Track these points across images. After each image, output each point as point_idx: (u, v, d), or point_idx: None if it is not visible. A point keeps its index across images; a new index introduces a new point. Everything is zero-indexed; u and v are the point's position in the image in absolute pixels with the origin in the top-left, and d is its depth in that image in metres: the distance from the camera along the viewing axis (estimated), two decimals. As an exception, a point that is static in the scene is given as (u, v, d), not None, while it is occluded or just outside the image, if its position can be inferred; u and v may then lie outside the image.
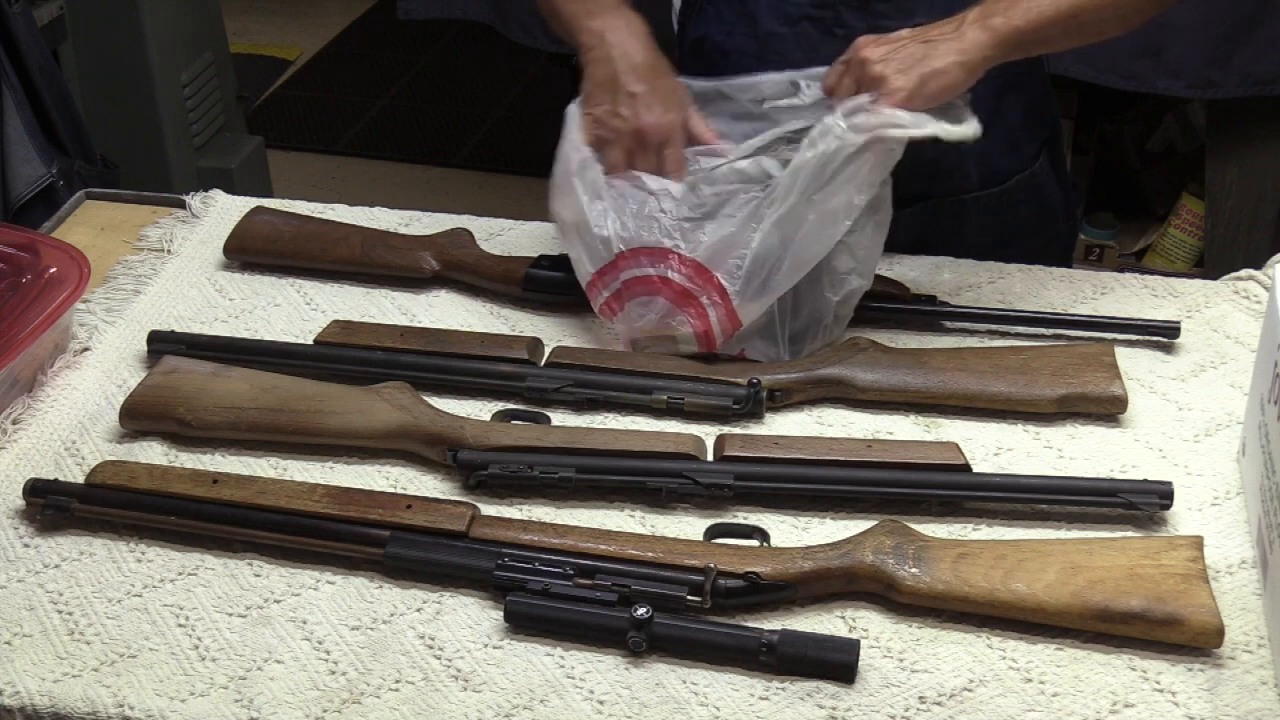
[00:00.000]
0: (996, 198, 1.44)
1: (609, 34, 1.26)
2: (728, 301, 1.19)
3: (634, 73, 1.24)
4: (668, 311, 1.21)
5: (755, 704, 0.93)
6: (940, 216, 1.44)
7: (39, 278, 1.23)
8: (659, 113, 1.23)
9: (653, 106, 1.23)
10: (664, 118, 1.23)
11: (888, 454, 1.10)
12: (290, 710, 0.93)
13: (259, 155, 2.88)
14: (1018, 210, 1.47)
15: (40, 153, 2.01)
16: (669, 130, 1.23)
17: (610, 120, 1.23)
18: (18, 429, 1.18)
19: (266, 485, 1.08)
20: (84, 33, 2.52)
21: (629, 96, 1.24)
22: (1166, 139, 2.92)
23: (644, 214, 1.21)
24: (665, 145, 1.23)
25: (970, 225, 1.44)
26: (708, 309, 1.20)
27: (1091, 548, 1.00)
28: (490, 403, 1.21)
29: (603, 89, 1.25)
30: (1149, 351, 1.27)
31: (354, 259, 1.38)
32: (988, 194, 1.43)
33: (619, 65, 1.25)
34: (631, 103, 1.23)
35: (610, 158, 1.23)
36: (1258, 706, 0.92)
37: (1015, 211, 1.47)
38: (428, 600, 1.02)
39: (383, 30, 4.45)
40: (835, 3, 1.34)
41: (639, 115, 1.23)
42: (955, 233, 1.43)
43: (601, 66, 1.25)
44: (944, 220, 1.44)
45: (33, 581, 1.04)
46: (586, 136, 1.24)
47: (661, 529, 1.08)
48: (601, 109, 1.24)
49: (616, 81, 1.24)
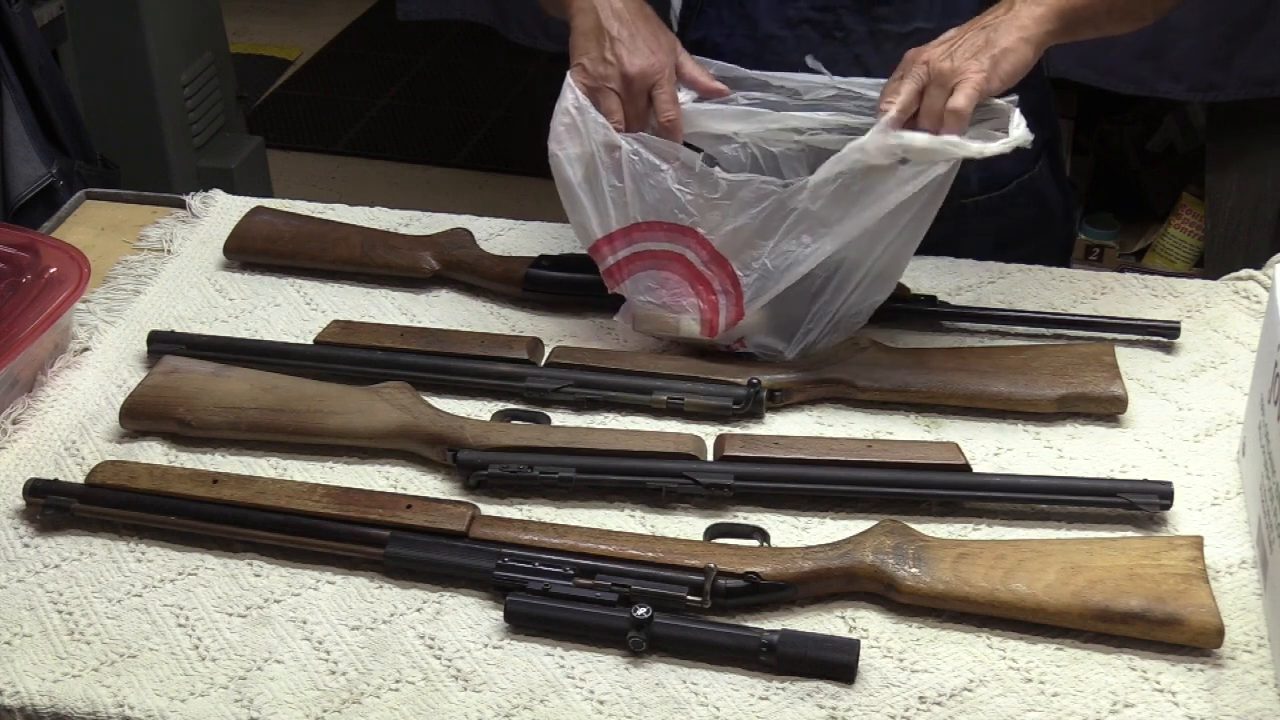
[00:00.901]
0: (997, 201, 1.44)
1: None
2: (739, 293, 1.18)
3: (617, 18, 1.23)
4: (679, 290, 1.20)
5: (755, 704, 0.93)
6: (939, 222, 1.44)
7: (39, 278, 1.23)
8: (645, 55, 1.22)
9: (638, 50, 1.22)
10: (651, 59, 1.22)
11: (888, 454, 1.10)
12: (290, 710, 0.93)
13: (259, 155, 2.88)
14: (1018, 213, 1.47)
15: (40, 153, 2.01)
16: (658, 72, 1.22)
17: (598, 67, 1.22)
18: (18, 429, 1.18)
19: (266, 485, 1.08)
20: (84, 33, 2.52)
21: (613, 41, 1.22)
22: (1166, 139, 2.92)
23: (660, 185, 1.19)
24: (655, 87, 1.22)
25: (970, 229, 1.44)
26: (719, 295, 1.19)
27: (1091, 548, 1.00)
28: (490, 403, 1.21)
29: (587, 38, 1.23)
30: (1149, 351, 1.27)
31: (354, 259, 1.38)
32: (988, 198, 1.43)
33: (602, 13, 1.23)
34: (616, 47, 1.22)
35: (604, 104, 1.22)
36: (1258, 706, 0.92)
37: (1015, 214, 1.47)
38: (428, 600, 1.02)
39: (383, 30, 4.45)
40: (836, 6, 1.33)
41: (625, 59, 1.21)
42: (954, 238, 1.43)
43: (586, 16, 1.24)
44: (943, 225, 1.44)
45: (33, 581, 1.04)
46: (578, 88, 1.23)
47: (661, 529, 1.08)
48: (588, 57, 1.23)
49: (600, 28, 1.23)
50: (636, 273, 1.22)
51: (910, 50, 1.17)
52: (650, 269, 1.21)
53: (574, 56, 1.24)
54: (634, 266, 1.22)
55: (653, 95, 1.22)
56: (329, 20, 4.52)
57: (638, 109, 1.22)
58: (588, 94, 1.22)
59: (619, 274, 1.23)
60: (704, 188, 1.17)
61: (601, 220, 1.21)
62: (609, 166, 1.19)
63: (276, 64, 4.26)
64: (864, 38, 1.33)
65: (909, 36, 1.32)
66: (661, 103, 1.22)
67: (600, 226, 1.21)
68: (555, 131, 1.21)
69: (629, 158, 1.19)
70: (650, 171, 1.18)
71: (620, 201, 1.20)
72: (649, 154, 1.19)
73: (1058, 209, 1.53)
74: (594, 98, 1.21)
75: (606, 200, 1.20)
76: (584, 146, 1.20)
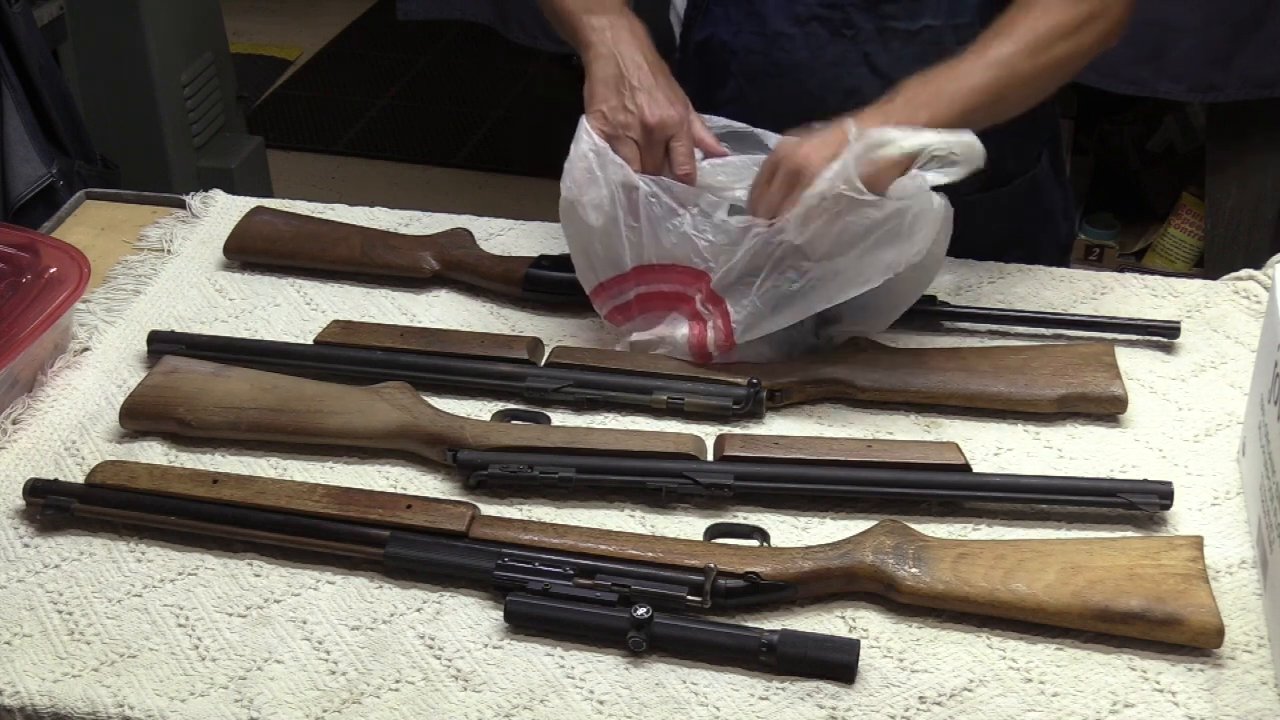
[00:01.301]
0: (998, 199, 1.44)
1: (611, 32, 1.26)
2: (729, 327, 1.19)
3: (638, 68, 1.24)
4: (672, 319, 1.22)
5: (755, 704, 0.93)
6: None
7: (39, 278, 1.23)
8: (665, 106, 1.22)
9: (659, 101, 1.23)
10: (670, 111, 1.22)
11: (888, 454, 1.10)
12: (290, 710, 0.93)
13: (259, 155, 2.88)
14: (1019, 212, 1.47)
15: (40, 153, 2.01)
16: (677, 124, 1.23)
17: (617, 115, 1.23)
18: (18, 429, 1.18)
19: (266, 485, 1.08)
20: (84, 33, 2.52)
21: (634, 90, 1.23)
22: (1166, 139, 2.92)
23: (677, 229, 1.20)
24: (674, 139, 1.23)
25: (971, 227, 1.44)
26: (708, 328, 1.20)
27: (1091, 548, 1.00)
28: (490, 403, 1.21)
29: (607, 85, 1.24)
30: (1149, 351, 1.27)
31: (354, 259, 1.38)
32: (991, 195, 1.43)
33: (624, 62, 1.24)
34: (637, 96, 1.23)
35: (622, 152, 1.22)
36: (1258, 706, 0.92)
37: (1016, 213, 1.47)
38: (428, 600, 1.02)
39: (383, 30, 4.45)
40: (844, 3, 1.33)
41: (646, 109, 1.22)
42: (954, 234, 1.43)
43: (606, 64, 1.25)
44: None
45: (33, 581, 1.04)
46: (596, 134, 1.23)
47: (661, 529, 1.08)
48: (608, 105, 1.23)
49: (622, 78, 1.24)
50: (646, 313, 1.23)
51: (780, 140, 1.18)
52: (660, 310, 1.22)
53: (592, 103, 1.24)
54: (644, 305, 1.23)
55: (670, 147, 1.23)
56: (329, 20, 4.51)
57: (655, 160, 1.23)
58: (605, 140, 1.22)
59: (629, 312, 1.24)
60: (718, 234, 1.19)
61: (614, 261, 1.22)
62: (626, 207, 1.20)
63: (276, 64, 4.26)
64: (872, 35, 1.33)
65: (917, 34, 1.32)
66: (679, 155, 1.23)
67: (613, 267, 1.22)
68: (573, 177, 1.21)
69: (646, 200, 1.20)
70: (667, 215, 1.20)
71: (635, 242, 1.21)
72: (667, 198, 1.20)
73: (1058, 208, 1.53)
74: (611, 145, 1.22)
75: (622, 241, 1.21)
76: (601, 190, 1.20)
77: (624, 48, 1.25)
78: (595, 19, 1.28)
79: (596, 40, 1.27)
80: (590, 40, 1.27)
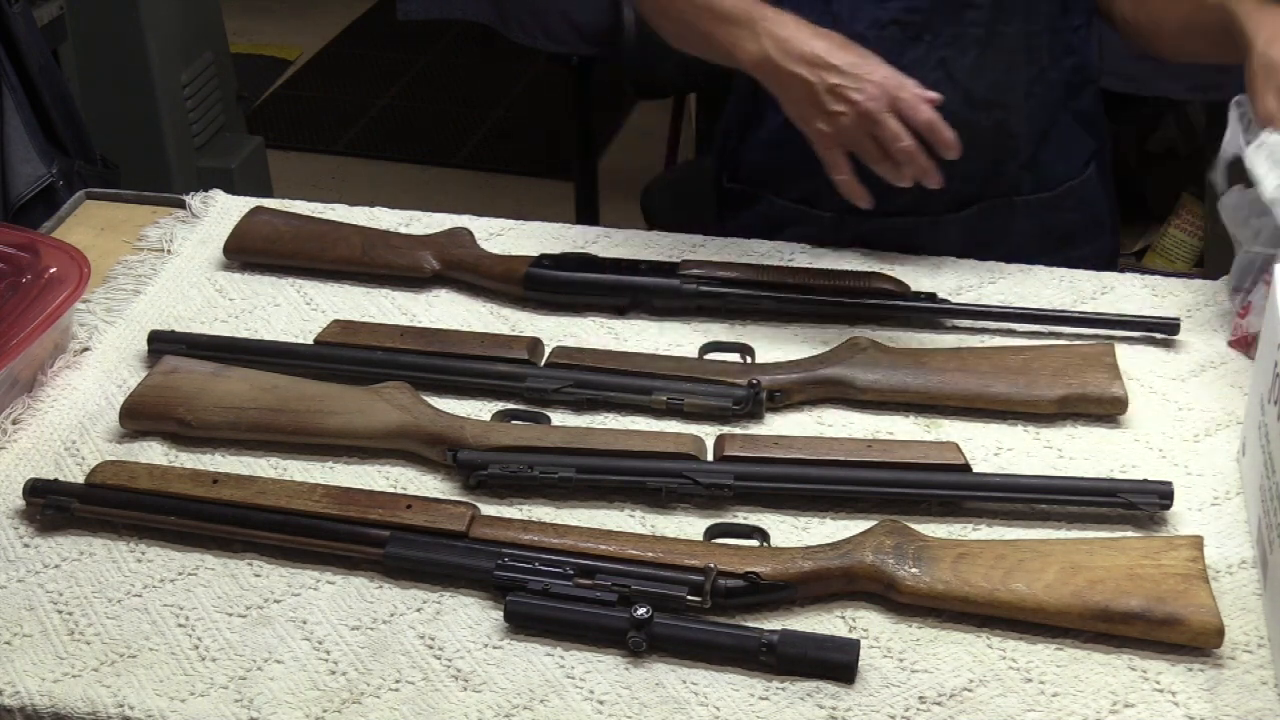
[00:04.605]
0: (1046, 203, 1.44)
1: (775, 18, 1.22)
2: None
3: (831, 40, 1.20)
4: None
5: (755, 704, 0.93)
6: (990, 219, 1.44)
7: (39, 278, 1.23)
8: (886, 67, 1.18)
9: (877, 63, 1.19)
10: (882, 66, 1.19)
11: (888, 454, 1.10)
12: (290, 710, 0.93)
13: (259, 155, 2.88)
14: (1064, 216, 1.47)
15: (40, 153, 2.01)
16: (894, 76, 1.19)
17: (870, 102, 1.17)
18: (18, 429, 1.18)
19: (266, 485, 1.08)
20: (84, 33, 2.52)
21: (857, 61, 1.19)
22: (1166, 140, 2.92)
23: None
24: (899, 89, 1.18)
25: (1018, 228, 1.45)
26: None
27: (1091, 548, 1.00)
28: (490, 403, 1.21)
29: (845, 59, 1.19)
30: (1149, 351, 1.27)
31: (354, 259, 1.38)
32: (1037, 198, 1.43)
33: (818, 40, 1.20)
34: (864, 66, 1.19)
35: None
36: (1258, 706, 0.92)
37: (1063, 218, 1.47)
38: (428, 600, 1.02)
39: (383, 30, 4.45)
40: (926, 8, 1.32)
41: (872, 74, 1.17)
42: (1002, 235, 1.43)
43: (810, 41, 1.20)
44: (993, 220, 1.44)
45: (33, 581, 1.04)
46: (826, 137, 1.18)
47: (661, 529, 1.08)
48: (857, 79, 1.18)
49: (841, 50, 1.20)
50: None
51: None
52: None
53: (830, 94, 1.19)
54: None
55: (901, 99, 1.19)
56: (329, 20, 4.51)
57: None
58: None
59: None
60: None
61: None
62: None
63: (276, 64, 4.26)
64: (950, 41, 1.33)
65: (992, 41, 1.33)
66: (918, 98, 1.18)
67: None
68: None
69: None
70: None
71: None
72: None
73: (1105, 218, 1.53)
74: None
75: None
76: None
77: (802, 25, 1.23)
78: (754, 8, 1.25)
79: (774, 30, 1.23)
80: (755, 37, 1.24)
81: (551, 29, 2.15)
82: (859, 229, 1.42)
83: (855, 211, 1.26)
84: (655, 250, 1.42)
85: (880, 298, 1.29)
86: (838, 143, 1.22)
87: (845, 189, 1.23)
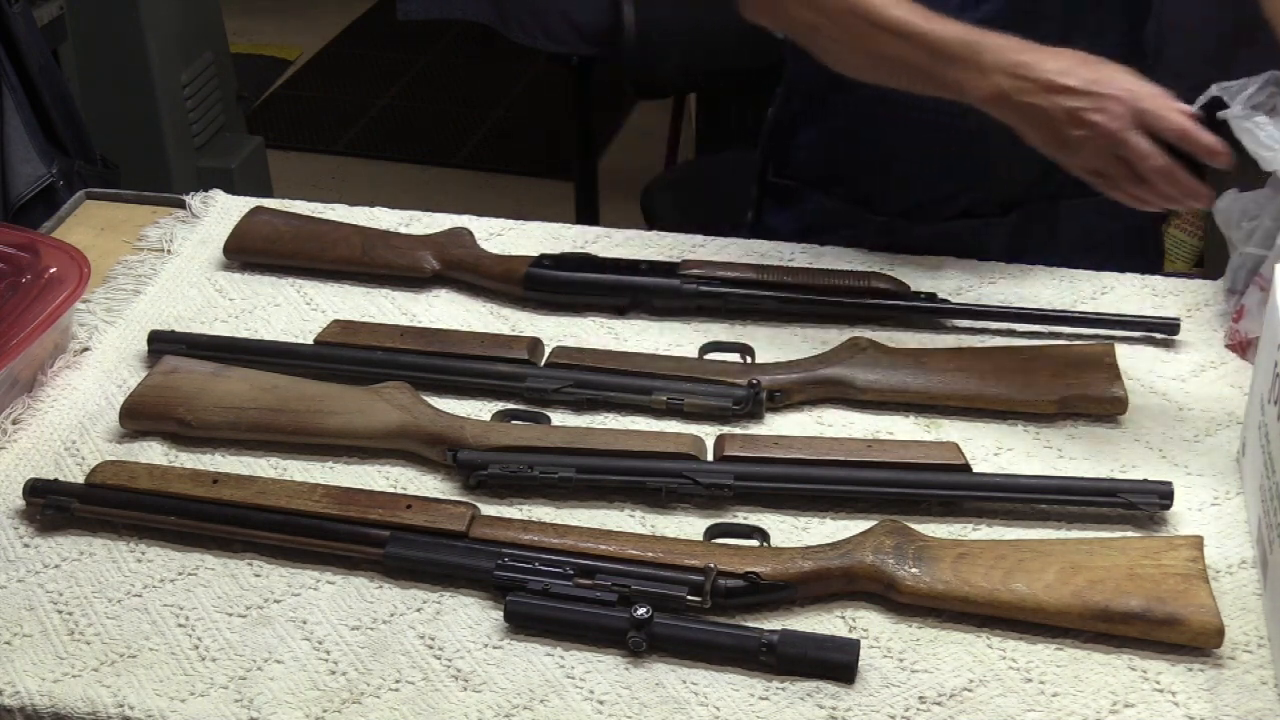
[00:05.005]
0: (1089, 208, 1.44)
1: (998, 46, 1.13)
2: None
3: (1066, 58, 1.10)
4: None
5: (755, 704, 0.93)
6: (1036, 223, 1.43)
7: (39, 278, 1.23)
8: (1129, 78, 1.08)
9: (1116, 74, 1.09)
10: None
11: (888, 454, 1.10)
12: (290, 710, 0.93)
13: (259, 155, 2.88)
14: (1105, 223, 1.47)
15: (40, 153, 2.01)
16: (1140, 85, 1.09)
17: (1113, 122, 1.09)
18: (18, 429, 1.18)
19: (266, 485, 1.08)
20: (84, 33, 2.52)
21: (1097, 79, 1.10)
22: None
23: None
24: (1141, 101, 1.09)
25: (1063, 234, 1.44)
26: None
27: (1091, 548, 1.00)
28: (490, 403, 1.21)
29: (1083, 77, 1.09)
30: (1149, 351, 1.27)
31: (354, 259, 1.38)
32: (1083, 202, 1.43)
33: (1052, 60, 1.10)
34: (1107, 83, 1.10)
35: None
36: (1258, 706, 0.92)
37: (1104, 224, 1.46)
38: (428, 600, 1.02)
39: (383, 30, 4.45)
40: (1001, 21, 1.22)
41: (1114, 86, 1.09)
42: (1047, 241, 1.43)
43: (1044, 63, 1.10)
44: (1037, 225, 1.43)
45: (33, 581, 1.04)
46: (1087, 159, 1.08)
47: (661, 529, 1.08)
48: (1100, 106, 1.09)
49: (1079, 67, 1.10)
50: None
51: None
52: None
53: (1070, 118, 1.11)
54: None
55: (1147, 110, 1.11)
56: (329, 20, 4.51)
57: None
58: None
59: None
60: None
61: None
62: None
63: (276, 64, 4.26)
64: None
65: None
66: (1166, 108, 1.10)
67: None
68: None
69: None
70: None
71: None
72: None
73: (1147, 229, 1.53)
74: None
75: None
76: None
77: (1020, 44, 1.15)
78: (969, 35, 1.17)
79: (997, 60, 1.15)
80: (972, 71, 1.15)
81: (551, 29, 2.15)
82: (910, 233, 1.41)
83: (907, 215, 1.24)
84: (655, 250, 1.42)
85: (880, 298, 1.29)
86: (1088, 171, 1.14)
87: (1141, 200, 1.14)
